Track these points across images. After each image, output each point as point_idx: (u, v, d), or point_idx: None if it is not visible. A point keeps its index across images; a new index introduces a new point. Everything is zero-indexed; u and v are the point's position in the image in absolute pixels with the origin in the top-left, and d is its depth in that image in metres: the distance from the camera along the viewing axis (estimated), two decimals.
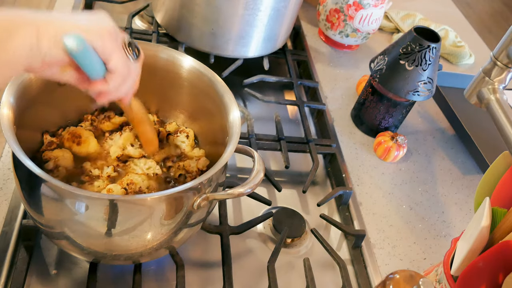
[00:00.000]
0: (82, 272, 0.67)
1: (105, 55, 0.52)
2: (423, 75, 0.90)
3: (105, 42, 0.51)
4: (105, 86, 0.54)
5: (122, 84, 0.55)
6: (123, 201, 0.54)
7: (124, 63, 0.54)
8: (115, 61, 0.52)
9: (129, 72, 0.55)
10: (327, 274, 0.77)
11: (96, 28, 0.51)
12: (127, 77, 0.55)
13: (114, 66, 0.53)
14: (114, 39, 0.52)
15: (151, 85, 0.75)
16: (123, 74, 0.54)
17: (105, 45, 0.51)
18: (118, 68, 0.53)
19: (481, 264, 0.56)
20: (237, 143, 0.62)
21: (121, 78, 0.54)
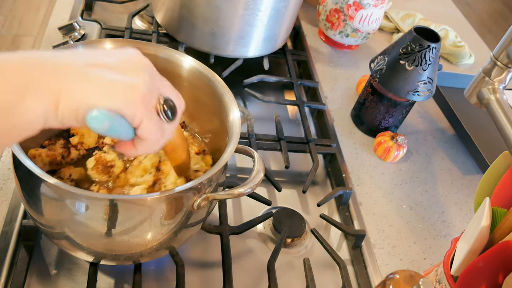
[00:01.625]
0: (82, 272, 0.67)
1: (133, 122, 0.45)
2: (423, 75, 0.90)
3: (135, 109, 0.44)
4: (133, 151, 0.49)
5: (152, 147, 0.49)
6: (123, 201, 0.54)
7: (155, 129, 0.47)
8: (144, 128, 0.46)
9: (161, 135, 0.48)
10: (327, 274, 0.77)
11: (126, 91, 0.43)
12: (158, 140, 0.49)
13: (143, 133, 0.46)
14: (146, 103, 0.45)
15: None
16: (152, 140, 0.48)
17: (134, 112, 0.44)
18: (147, 135, 0.47)
19: (481, 264, 0.56)
20: (237, 143, 0.62)
21: (151, 144, 0.49)
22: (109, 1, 1.14)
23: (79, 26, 1.00)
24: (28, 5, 2.78)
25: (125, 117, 0.44)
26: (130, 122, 0.45)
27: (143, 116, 0.45)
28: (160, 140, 0.49)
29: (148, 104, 0.46)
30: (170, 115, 0.48)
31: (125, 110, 0.43)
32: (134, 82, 0.44)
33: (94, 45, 0.68)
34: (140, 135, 0.47)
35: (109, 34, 1.03)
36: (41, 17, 2.71)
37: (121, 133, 0.45)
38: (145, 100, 0.45)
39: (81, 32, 0.99)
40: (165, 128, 0.49)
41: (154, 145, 0.49)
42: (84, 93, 0.42)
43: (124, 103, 0.43)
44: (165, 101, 0.47)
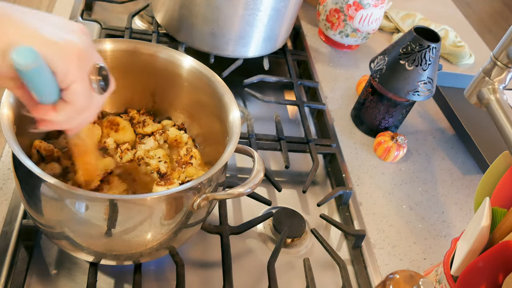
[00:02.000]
0: (82, 272, 0.67)
1: (64, 81, 0.42)
2: (423, 75, 0.90)
3: (69, 65, 0.41)
4: (53, 116, 0.44)
5: (75, 117, 0.45)
6: (123, 201, 0.54)
7: (85, 95, 0.44)
8: (74, 91, 0.43)
9: (88, 105, 0.45)
10: (327, 274, 0.77)
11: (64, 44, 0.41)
12: (83, 110, 0.45)
13: (70, 96, 0.43)
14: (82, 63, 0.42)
15: (151, 85, 0.75)
16: (79, 106, 0.44)
17: (68, 69, 0.41)
18: (75, 100, 0.43)
19: (481, 264, 0.56)
20: (237, 143, 0.62)
21: (75, 110, 0.44)
22: (109, 1, 1.14)
23: None
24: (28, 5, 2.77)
25: (57, 73, 0.41)
26: (61, 80, 0.42)
27: (76, 76, 0.42)
28: (85, 110, 0.45)
29: (84, 65, 0.43)
30: (103, 85, 0.45)
31: (57, 62, 0.40)
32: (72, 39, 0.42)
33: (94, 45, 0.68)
34: (67, 97, 0.43)
35: (109, 34, 1.03)
36: None
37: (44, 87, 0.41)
38: (82, 59, 0.42)
39: None
40: (93, 99, 0.45)
41: (78, 114, 0.45)
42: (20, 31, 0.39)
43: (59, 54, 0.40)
44: (100, 69, 0.44)
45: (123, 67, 0.71)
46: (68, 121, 0.45)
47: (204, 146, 0.76)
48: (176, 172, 0.69)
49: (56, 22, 0.43)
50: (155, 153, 0.71)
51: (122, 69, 0.72)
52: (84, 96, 0.44)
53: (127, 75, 0.73)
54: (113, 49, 0.70)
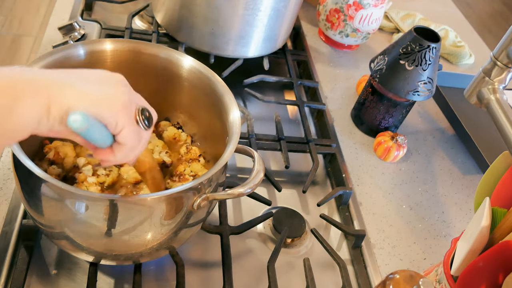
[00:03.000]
0: (82, 272, 0.67)
1: (115, 129, 0.49)
2: (423, 75, 0.90)
3: (117, 116, 0.48)
4: (111, 157, 0.52)
5: (130, 154, 0.53)
6: (123, 201, 0.54)
7: (134, 136, 0.51)
8: (124, 135, 0.50)
9: (138, 142, 0.53)
10: (327, 274, 0.77)
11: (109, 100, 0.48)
12: (135, 147, 0.53)
13: (122, 139, 0.50)
14: (127, 111, 0.50)
15: (151, 85, 0.75)
16: (131, 146, 0.52)
17: (116, 119, 0.48)
18: (126, 141, 0.51)
19: (481, 264, 0.56)
20: (237, 143, 0.62)
21: (128, 149, 0.52)
22: (109, 1, 1.14)
23: (79, 26, 1.00)
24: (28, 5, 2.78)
25: (108, 125, 0.48)
26: (113, 129, 0.49)
27: (125, 123, 0.49)
28: (137, 146, 0.53)
29: (129, 112, 0.50)
30: (147, 123, 0.52)
31: (108, 118, 0.48)
32: (115, 93, 0.49)
33: (94, 45, 0.69)
34: (120, 141, 0.51)
35: (109, 34, 1.03)
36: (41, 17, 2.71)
37: (99, 138, 0.49)
38: (126, 108, 0.50)
39: (81, 32, 0.99)
40: (142, 135, 0.53)
41: (131, 151, 0.53)
42: (71, 99, 0.46)
43: (107, 111, 0.48)
44: (142, 110, 0.52)
45: (123, 67, 0.71)
46: (125, 158, 0.53)
47: (204, 146, 0.76)
48: (183, 165, 0.70)
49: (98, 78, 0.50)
50: (153, 145, 0.71)
51: (122, 69, 0.71)
52: (133, 137, 0.51)
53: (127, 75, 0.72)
54: (113, 49, 0.70)
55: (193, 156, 0.72)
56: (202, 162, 0.72)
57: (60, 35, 0.98)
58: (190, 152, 0.72)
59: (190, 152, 0.72)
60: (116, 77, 0.52)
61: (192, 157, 0.71)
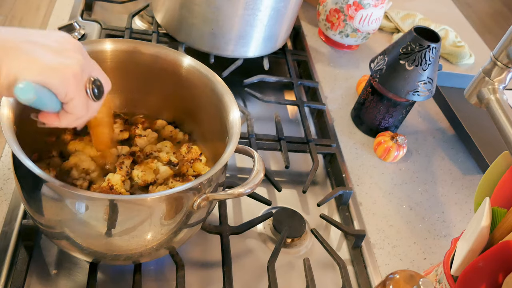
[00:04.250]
0: (82, 272, 0.67)
1: (64, 98, 0.49)
2: (423, 75, 0.90)
3: (67, 86, 0.48)
4: (56, 122, 0.52)
5: (76, 121, 0.53)
6: (123, 201, 0.54)
7: (82, 106, 0.51)
8: (73, 105, 0.50)
9: (86, 112, 0.52)
10: (327, 274, 0.77)
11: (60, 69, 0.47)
12: (82, 116, 0.53)
13: (70, 108, 0.50)
14: (78, 81, 0.49)
15: (151, 85, 0.75)
16: (78, 115, 0.52)
17: (66, 89, 0.48)
18: (74, 111, 0.51)
19: (481, 264, 0.56)
20: (237, 143, 0.62)
21: (75, 118, 0.52)
22: (109, 1, 1.14)
23: (79, 26, 1.00)
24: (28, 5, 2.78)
25: (57, 94, 0.48)
26: (61, 98, 0.49)
27: (74, 94, 0.49)
28: (84, 116, 0.53)
29: (79, 82, 0.50)
30: (97, 94, 0.52)
31: (57, 88, 0.47)
32: (67, 62, 0.48)
33: (94, 45, 0.69)
34: (67, 110, 0.51)
35: (109, 34, 1.03)
36: (41, 17, 2.71)
37: (47, 106, 0.49)
38: (77, 78, 0.49)
39: (81, 32, 1.00)
40: (90, 105, 0.53)
41: (78, 120, 0.53)
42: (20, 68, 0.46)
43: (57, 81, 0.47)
44: (94, 81, 0.52)
45: (123, 67, 0.71)
46: (69, 125, 0.53)
47: (204, 146, 0.76)
48: (184, 166, 0.70)
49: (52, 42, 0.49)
50: (162, 145, 0.72)
51: (122, 69, 0.72)
52: (81, 107, 0.51)
53: (127, 75, 0.73)
54: (113, 49, 0.70)
55: (194, 155, 0.72)
56: (204, 161, 0.72)
57: None
58: (191, 152, 0.72)
59: (191, 152, 0.72)
60: (71, 42, 0.50)
61: (193, 157, 0.72)
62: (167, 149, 0.72)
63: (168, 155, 0.71)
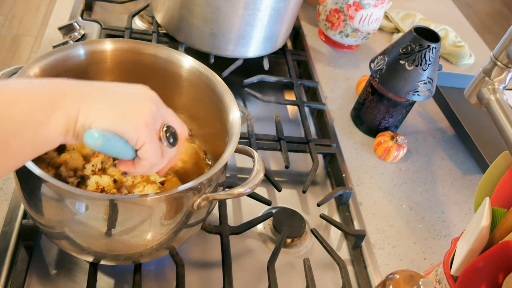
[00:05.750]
0: (82, 272, 0.67)
1: (136, 144, 0.50)
2: (423, 75, 0.90)
3: (137, 133, 0.49)
4: (132, 170, 0.53)
5: (151, 168, 0.54)
6: (123, 201, 0.54)
7: (155, 153, 0.52)
8: (146, 151, 0.51)
9: (160, 159, 0.53)
10: (327, 274, 0.77)
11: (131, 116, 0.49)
12: (157, 163, 0.53)
13: (143, 154, 0.51)
14: (150, 128, 0.50)
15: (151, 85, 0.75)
16: (152, 162, 0.52)
17: (137, 135, 0.49)
18: (147, 157, 0.51)
19: (481, 264, 0.56)
20: (237, 143, 0.62)
21: (150, 165, 0.53)
22: (109, 1, 1.14)
23: (79, 26, 1.00)
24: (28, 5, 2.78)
25: (129, 140, 0.49)
26: (134, 145, 0.50)
27: (146, 140, 0.50)
28: (159, 163, 0.53)
29: (151, 129, 0.51)
30: (171, 141, 0.53)
31: (128, 134, 0.49)
32: (139, 110, 0.50)
33: (94, 45, 0.69)
34: (141, 156, 0.52)
35: (109, 34, 1.03)
36: (41, 17, 2.71)
37: (118, 152, 0.50)
38: (149, 125, 0.50)
39: (81, 32, 0.99)
40: (165, 152, 0.53)
41: (153, 166, 0.54)
42: (96, 114, 0.47)
43: (128, 128, 0.49)
44: (167, 128, 0.52)
45: (123, 67, 0.71)
46: (145, 172, 0.54)
47: (204, 146, 0.76)
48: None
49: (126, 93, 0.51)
50: None
51: (122, 69, 0.72)
52: (154, 154, 0.52)
53: (127, 75, 0.73)
54: (113, 49, 0.70)
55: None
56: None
57: (60, 35, 0.98)
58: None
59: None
60: (146, 93, 0.52)
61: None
62: None
63: None
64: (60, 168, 0.66)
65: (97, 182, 0.63)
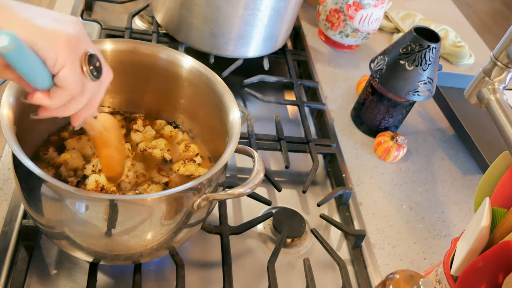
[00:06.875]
0: (82, 272, 0.67)
1: (53, 66, 0.43)
2: (423, 75, 0.90)
3: (57, 52, 0.43)
4: (47, 101, 0.46)
5: (70, 103, 0.47)
6: (123, 201, 0.54)
7: (76, 80, 0.45)
8: (64, 75, 0.44)
9: (82, 91, 0.47)
10: (327, 274, 0.77)
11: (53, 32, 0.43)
12: (78, 96, 0.47)
13: (61, 80, 0.44)
14: (72, 50, 0.44)
15: (151, 85, 0.75)
16: (72, 91, 0.46)
17: (56, 55, 0.43)
18: (66, 84, 0.45)
19: (481, 264, 0.56)
20: (237, 143, 0.62)
21: (68, 95, 0.46)
22: (109, 1, 1.14)
23: None
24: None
25: (46, 59, 0.43)
26: (51, 66, 0.43)
27: (66, 61, 0.44)
28: (79, 97, 0.47)
29: (74, 51, 0.44)
30: (94, 72, 0.46)
31: (46, 50, 0.42)
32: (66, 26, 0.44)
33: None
34: (59, 82, 0.45)
35: (109, 34, 1.03)
36: None
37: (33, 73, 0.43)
38: (71, 46, 0.44)
39: None
40: (86, 85, 0.47)
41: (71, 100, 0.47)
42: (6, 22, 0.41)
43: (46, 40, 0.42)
44: (91, 57, 0.46)
45: (123, 67, 0.71)
46: (64, 107, 0.47)
47: (204, 146, 0.76)
48: (176, 164, 0.70)
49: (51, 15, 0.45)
50: (157, 142, 0.72)
51: (122, 69, 0.72)
52: (75, 81, 0.45)
53: (127, 75, 0.73)
54: (113, 49, 0.70)
55: (191, 154, 0.72)
56: (198, 161, 0.72)
57: None
58: (188, 151, 0.72)
59: (188, 150, 0.72)
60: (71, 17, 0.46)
61: (189, 156, 0.72)
62: (161, 146, 0.73)
63: (162, 151, 0.71)
64: (60, 168, 0.66)
65: (96, 181, 0.63)
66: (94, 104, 0.51)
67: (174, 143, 0.75)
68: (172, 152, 0.73)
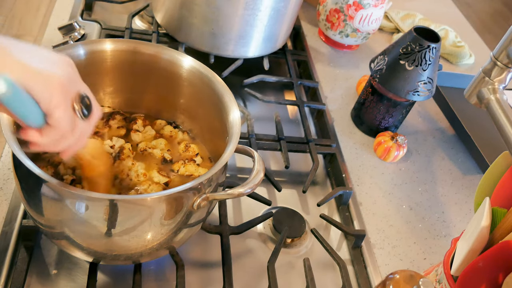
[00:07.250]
0: (82, 272, 0.67)
1: (47, 107, 0.45)
2: (423, 75, 0.90)
3: (51, 93, 0.45)
4: (38, 138, 0.48)
5: (60, 141, 0.49)
6: (123, 201, 0.54)
7: (67, 121, 0.47)
8: (57, 116, 0.46)
9: (72, 130, 0.49)
10: (327, 274, 0.77)
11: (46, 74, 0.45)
12: (68, 135, 0.49)
13: (54, 121, 0.46)
14: (64, 91, 0.46)
15: (151, 85, 0.75)
16: (62, 131, 0.48)
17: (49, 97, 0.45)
18: (58, 124, 0.47)
19: (481, 264, 0.56)
20: (237, 143, 0.62)
21: (59, 134, 0.48)
22: (109, 1, 1.14)
23: (79, 26, 1.00)
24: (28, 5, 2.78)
25: (40, 101, 0.45)
26: (45, 107, 0.45)
27: (59, 103, 0.46)
28: (69, 136, 0.49)
29: (66, 93, 0.47)
30: (85, 112, 0.49)
31: (40, 93, 0.44)
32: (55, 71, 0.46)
33: (94, 45, 0.69)
34: (51, 122, 0.47)
35: (109, 34, 1.03)
36: (41, 17, 2.71)
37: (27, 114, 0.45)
38: (64, 88, 0.46)
39: (81, 32, 0.99)
40: (77, 124, 0.49)
41: (62, 139, 0.49)
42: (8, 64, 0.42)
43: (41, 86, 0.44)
44: (82, 97, 0.49)
45: (123, 67, 0.72)
46: (54, 144, 0.49)
47: (204, 146, 0.76)
48: (176, 164, 0.70)
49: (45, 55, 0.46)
50: (157, 142, 0.72)
51: (122, 69, 0.72)
52: (66, 122, 0.48)
53: (127, 75, 0.73)
54: (113, 49, 0.70)
55: (191, 154, 0.72)
56: (198, 161, 0.72)
57: (60, 35, 0.98)
58: (188, 151, 0.72)
59: (188, 151, 0.72)
60: (62, 58, 0.48)
61: (189, 156, 0.72)
62: (161, 146, 0.73)
63: (162, 151, 0.71)
64: (59, 166, 0.66)
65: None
66: (83, 139, 0.53)
67: (174, 143, 0.75)
68: (172, 152, 0.73)
